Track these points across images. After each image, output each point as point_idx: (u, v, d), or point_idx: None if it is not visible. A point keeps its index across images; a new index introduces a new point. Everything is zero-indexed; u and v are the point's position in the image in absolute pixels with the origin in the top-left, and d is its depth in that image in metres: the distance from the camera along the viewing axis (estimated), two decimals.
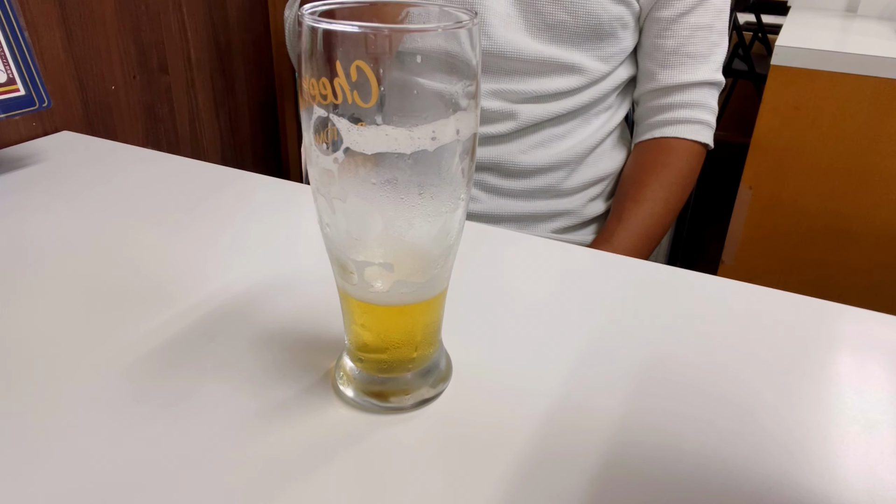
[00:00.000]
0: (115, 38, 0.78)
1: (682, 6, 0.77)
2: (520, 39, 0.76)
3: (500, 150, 0.80)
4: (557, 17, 0.75)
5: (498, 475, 0.31)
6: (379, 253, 0.31)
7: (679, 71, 0.80)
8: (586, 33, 0.76)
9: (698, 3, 0.78)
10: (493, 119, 0.79)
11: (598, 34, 0.77)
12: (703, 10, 0.78)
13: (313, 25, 0.27)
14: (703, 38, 0.79)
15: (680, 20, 0.78)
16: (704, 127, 0.82)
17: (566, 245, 0.53)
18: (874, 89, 1.10)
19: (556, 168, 0.81)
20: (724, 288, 0.47)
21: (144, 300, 0.43)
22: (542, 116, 0.79)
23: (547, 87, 0.78)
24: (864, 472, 0.32)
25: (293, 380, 0.37)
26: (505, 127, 0.78)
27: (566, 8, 0.74)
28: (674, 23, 0.78)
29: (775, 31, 1.32)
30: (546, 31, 0.76)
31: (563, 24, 0.75)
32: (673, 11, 0.78)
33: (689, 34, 0.79)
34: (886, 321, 0.44)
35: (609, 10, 0.75)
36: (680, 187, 0.80)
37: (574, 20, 0.75)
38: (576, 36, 0.76)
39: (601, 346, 0.41)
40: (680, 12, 0.78)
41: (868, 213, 1.17)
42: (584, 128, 0.82)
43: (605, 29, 0.77)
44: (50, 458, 0.31)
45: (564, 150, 0.81)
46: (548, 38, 0.76)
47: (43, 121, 0.72)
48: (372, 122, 0.28)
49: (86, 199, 0.58)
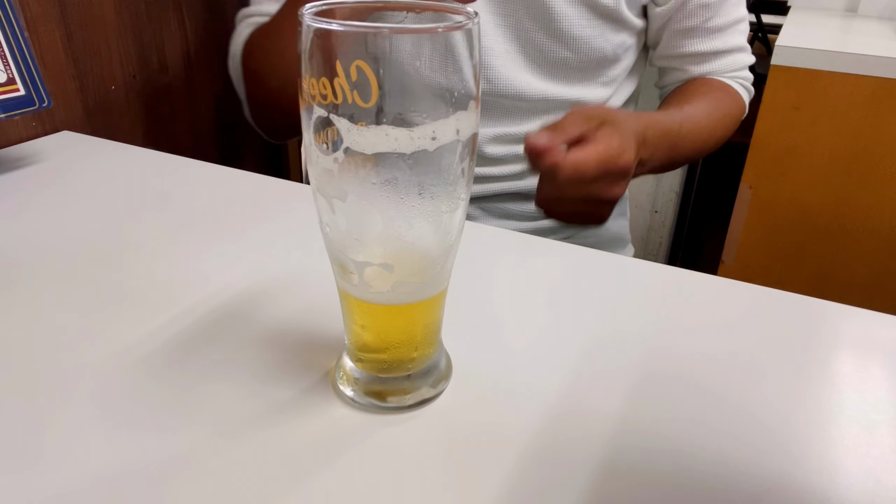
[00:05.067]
0: (115, 38, 0.78)
1: (707, 12, 0.76)
2: (522, 78, 0.73)
3: (505, 185, 0.78)
4: (559, 55, 0.73)
5: (498, 475, 0.31)
6: (379, 253, 0.31)
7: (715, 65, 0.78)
8: (589, 66, 0.74)
9: (720, 4, 0.76)
10: (497, 162, 0.77)
11: (600, 64, 0.75)
12: (726, 8, 0.77)
13: (313, 25, 0.27)
14: (733, 30, 0.78)
15: (705, 25, 0.76)
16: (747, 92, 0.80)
17: (566, 245, 0.53)
18: (874, 89, 1.10)
19: None
20: (724, 288, 0.47)
21: (144, 300, 0.43)
22: None
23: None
24: (864, 472, 0.32)
25: (293, 380, 0.37)
26: (509, 169, 0.77)
27: (568, 45, 0.72)
28: (699, 30, 0.76)
29: (775, 31, 1.32)
30: (548, 68, 0.74)
31: (565, 61, 0.73)
32: (698, 19, 0.76)
33: (720, 34, 0.77)
34: (886, 321, 0.44)
35: (611, 39, 0.73)
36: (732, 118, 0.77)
37: (576, 56, 0.73)
38: (578, 71, 0.74)
39: (601, 346, 0.41)
40: (705, 18, 0.76)
41: (868, 212, 1.17)
42: None
43: (609, 58, 0.75)
44: (49, 457, 0.31)
45: None
46: (549, 75, 0.74)
47: (43, 121, 0.72)
48: (372, 122, 0.28)
49: (86, 199, 0.58)
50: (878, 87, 1.10)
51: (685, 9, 0.75)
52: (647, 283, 0.48)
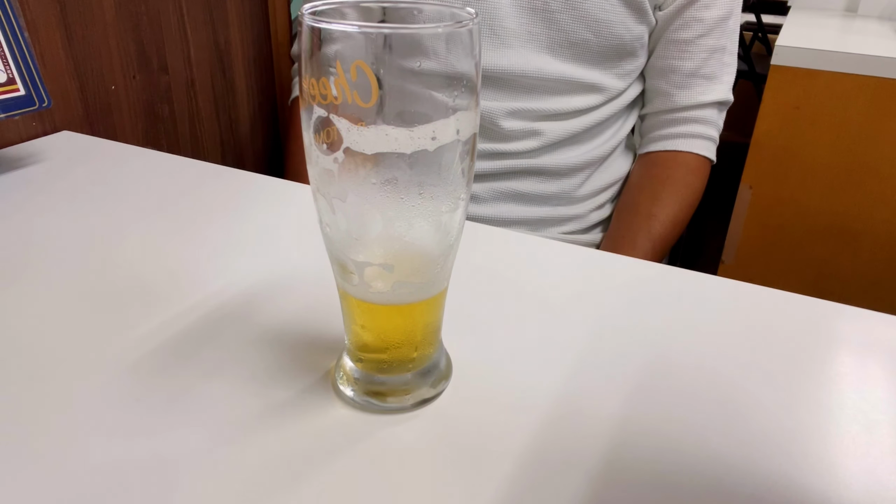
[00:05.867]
0: (115, 38, 0.78)
1: (701, 28, 0.78)
2: (541, 59, 0.75)
3: (517, 162, 0.80)
4: (581, 36, 0.75)
5: (498, 475, 0.31)
6: (379, 253, 0.31)
7: (695, 92, 0.80)
8: (608, 53, 0.76)
9: (716, 26, 0.78)
10: (513, 138, 0.78)
11: (619, 53, 0.77)
12: (721, 32, 0.79)
13: (313, 25, 0.27)
14: (718, 60, 0.80)
15: (697, 42, 0.78)
16: (712, 143, 0.83)
17: (566, 245, 0.53)
18: (874, 89, 1.10)
19: (569, 174, 0.81)
20: (724, 288, 0.47)
21: (144, 300, 0.43)
22: (561, 135, 0.79)
23: (566, 106, 0.78)
24: (864, 472, 0.32)
25: (293, 380, 0.37)
26: (524, 146, 0.78)
27: (590, 27, 0.74)
28: (691, 44, 0.78)
29: (775, 31, 1.32)
30: (569, 49, 0.76)
31: (586, 42, 0.75)
32: (692, 33, 0.78)
33: (707, 56, 0.79)
34: (886, 321, 0.44)
35: (632, 30, 0.76)
36: (691, 206, 0.81)
37: (597, 39, 0.75)
38: (597, 55, 0.76)
39: (601, 346, 0.41)
40: (698, 34, 0.78)
41: (868, 212, 1.17)
42: (598, 138, 0.83)
43: (627, 48, 0.77)
44: (49, 457, 0.31)
45: (576, 156, 0.81)
46: (570, 56, 0.76)
47: (43, 121, 0.72)
48: (372, 122, 0.28)
49: (86, 199, 0.58)
50: (878, 87, 1.10)
51: (681, 17, 0.78)
52: (647, 283, 0.48)
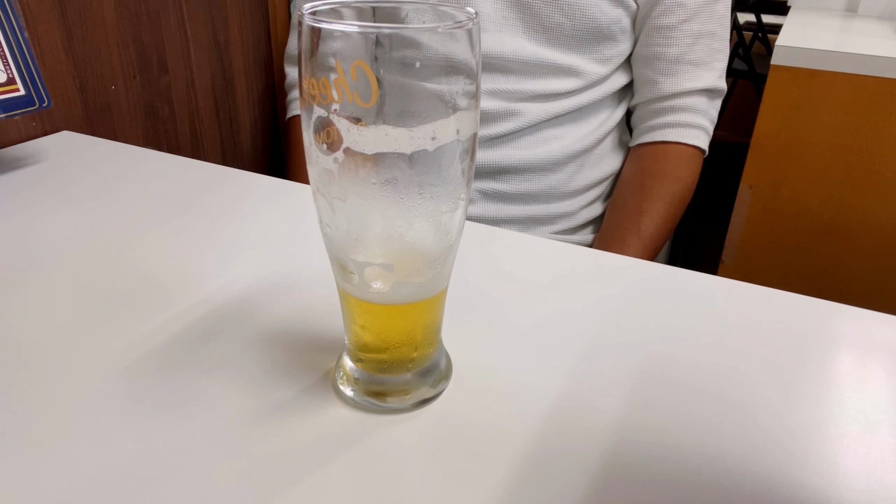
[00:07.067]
0: (115, 38, 0.78)
1: (683, 13, 0.76)
2: (516, 42, 0.75)
3: (500, 152, 0.79)
4: (554, 20, 0.75)
5: (498, 475, 0.31)
6: (379, 253, 0.31)
7: (682, 79, 0.79)
8: (584, 36, 0.76)
9: (700, 10, 0.77)
10: (493, 119, 0.78)
11: (595, 37, 0.76)
12: (706, 16, 0.77)
13: (313, 25, 0.27)
14: (706, 46, 0.78)
15: (681, 27, 0.77)
16: (703, 132, 0.81)
17: (566, 245, 0.53)
18: (874, 89, 1.10)
19: (555, 168, 0.81)
20: (724, 288, 0.47)
21: (144, 300, 0.43)
22: (541, 117, 0.78)
23: (545, 88, 0.77)
24: (864, 472, 0.32)
25: (293, 380, 0.37)
26: (504, 127, 0.78)
27: (563, 11, 0.74)
28: (675, 30, 0.77)
29: (775, 31, 1.33)
30: (543, 33, 0.75)
31: (560, 26, 0.75)
32: (674, 18, 0.76)
33: (692, 42, 0.77)
34: (886, 321, 0.44)
35: (607, 13, 0.75)
36: (683, 199, 0.80)
37: (571, 23, 0.75)
38: (573, 39, 0.76)
39: (601, 346, 0.41)
40: (682, 19, 0.76)
41: (868, 212, 1.17)
42: (582, 126, 0.82)
43: (604, 32, 0.76)
44: (48, 457, 0.31)
45: (560, 147, 0.80)
46: (544, 40, 0.76)
47: (43, 121, 0.72)
48: (372, 122, 0.28)
49: (86, 199, 0.58)
50: (878, 87, 1.10)
51: (662, 2, 0.77)
52: (647, 283, 0.48)
